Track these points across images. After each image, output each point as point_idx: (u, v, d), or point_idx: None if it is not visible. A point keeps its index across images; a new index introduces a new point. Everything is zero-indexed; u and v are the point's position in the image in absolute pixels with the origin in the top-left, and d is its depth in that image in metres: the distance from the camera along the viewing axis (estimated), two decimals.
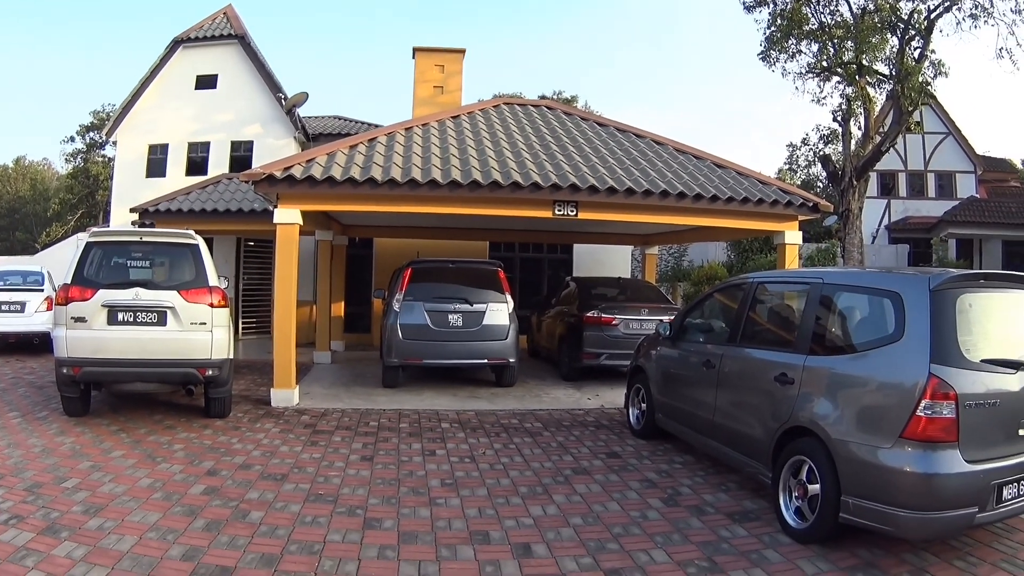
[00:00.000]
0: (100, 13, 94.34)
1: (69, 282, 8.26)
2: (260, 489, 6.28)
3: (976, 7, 22.06)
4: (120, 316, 8.25)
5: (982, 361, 4.86)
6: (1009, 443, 4.89)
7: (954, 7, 22.09)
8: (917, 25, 22.25)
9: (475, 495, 6.34)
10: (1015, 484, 4.88)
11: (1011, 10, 22.22)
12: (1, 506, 5.53)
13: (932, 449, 4.61)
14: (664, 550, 5.15)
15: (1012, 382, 4.92)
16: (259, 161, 17.92)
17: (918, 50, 22.42)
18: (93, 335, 8.14)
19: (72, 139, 47.42)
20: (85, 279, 8.31)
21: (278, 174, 9.73)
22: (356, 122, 24.35)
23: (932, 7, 22.18)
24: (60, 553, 4.66)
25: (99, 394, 9.58)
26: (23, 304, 14.58)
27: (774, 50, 24.17)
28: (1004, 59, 23.12)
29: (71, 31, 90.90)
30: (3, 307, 14.48)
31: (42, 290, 15.04)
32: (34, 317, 14.52)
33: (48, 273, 15.90)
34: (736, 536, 5.47)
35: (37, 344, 14.66)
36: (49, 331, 9.77)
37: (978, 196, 32.48)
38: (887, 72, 23.07)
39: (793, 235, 11.78)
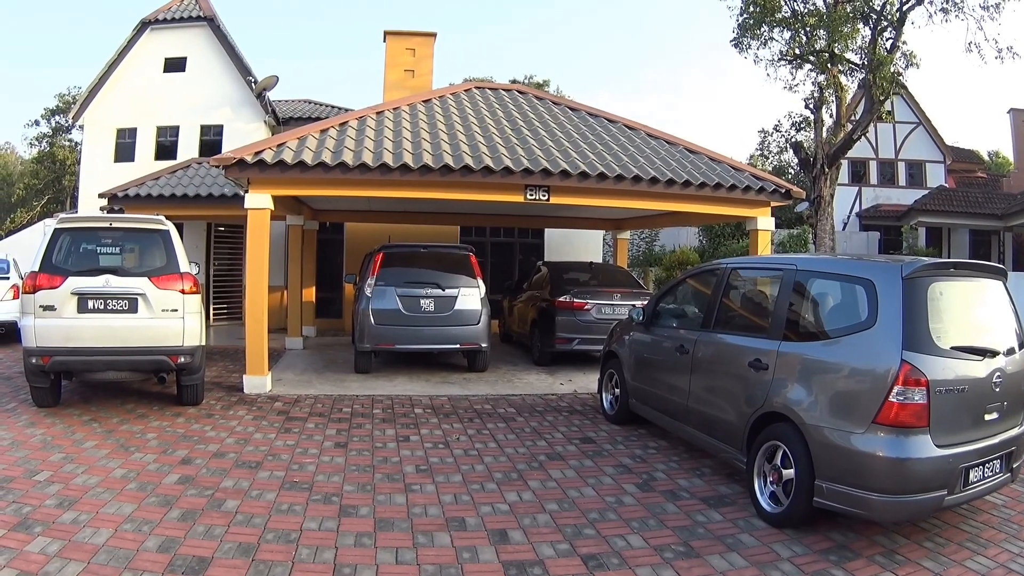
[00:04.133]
0: None
1: (37, 270, 8.10)
2: (235, 477, 6.24)
3: (947, 1, 22.21)
4: (90, 304, 8.13)
5: (952, 348, 4.95)
6: (976, 428, 5.01)
7: (926, 0, 22.24)
8: (890, 16, 22.34)
9: (450, 481, 6.35)
10: (980, 467, 5.03)
11: (979, 5, 22.34)
12: None
13: (904, 434, 4.68)
14: (640, 535, 5.18)
15: (979, 369, 5.03)
16: (229, 145, 17.76)
17: (890, 41, 22.51)
18: (63, 323, 8.01)
19: (37, 123, 46.35)
20: (54, 266, 8.17)
21: (249, 159, 9.63)
22: (327, 106, 24.17)
23: None
24: (34, 549, 4.59)
25: (70, 384, 9.46)
26: None
27: (746, 37, 24.16)
28: (973, 53, 23.33)
29: (34, 9, 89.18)
30: None
31: (8, 278, 14.78)
32: (0, 306, 14.29)
33: (14, 260, 15.61)
34: (711, 521, 5.53)
35: (3, 334, 14.40)
36: (16, 320, 9.59)
37: (947, 185, 32.92)
38: (859, 61, 23.19)
39: (765, 221, 11.86)
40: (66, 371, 8.44)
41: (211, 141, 19.41)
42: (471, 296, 11.72)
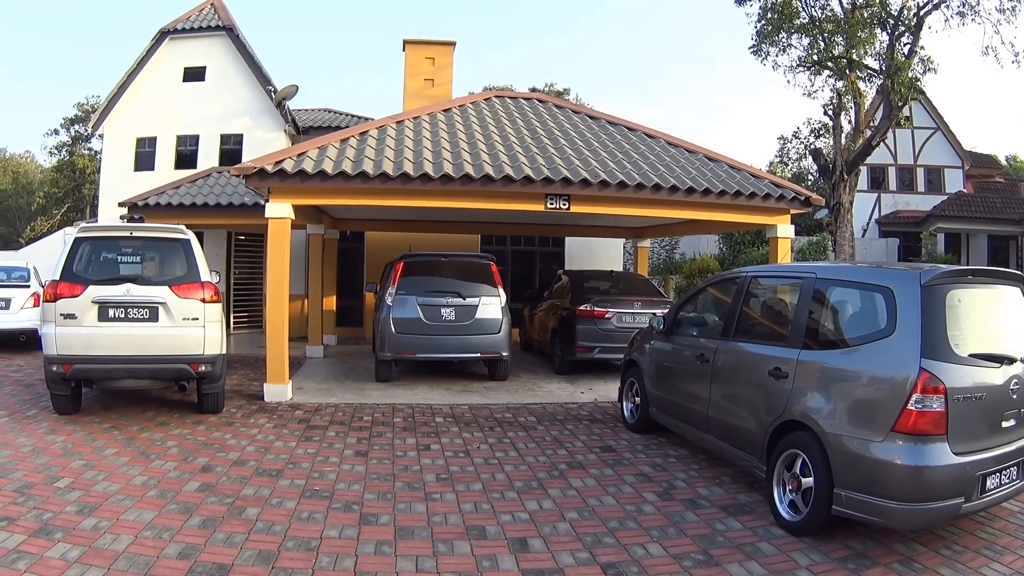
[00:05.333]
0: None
1: (58, 278, 8.15)
2: (255, 485, 6.28)
3: (963, 5, 22.16)
4: (111, 312, 8.17)
5: (970, 356, 4.95)
6: (993, 435, 5.00)
7: (943, 4, 22.18)
8: (907, 21, 22.31)
9: (470, 490, 6.36)
10: (997, 474, 5.01)
11: (996, 9, 22.33)
12: None
13: (922, 442, 4.68)
14: (660, 544, 5.18)
15: (997, 376, 5.03)
16: (249, 155, 17.87)
17: (908, 46, 22.48)
18: (83, 332, 8.06)
19: (56, 132, 46.92)
20: (74, 275, 8.21)
21: (269, 168, 9.70)
22: (347, 115, 24.26)
23: (921, 3, 22.27)
24: (54, 555, 4.62)
25: (90, 391, 9.52)
26: (8, 301, 14.45)
27: (765, 44, 24.16)
28: (989, 57, 23.31)
29: (53, 18, 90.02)
30: None
31: (28, 286, 14.89)
32: (20, 314, 14.40)
33: (34, 269, 15.74)
34: (731, 529, 5.52)
35: (24, 341, 14.55)
36: (36, 328, 9.63)
37: (965, 191, 32.72)
38: (877, 67, 23.14)
39: (785, 228, 11.85)
40: (87, 379, 8.49)
41: (231, 150, 19.48)
42: (492, 305, 11.71)
